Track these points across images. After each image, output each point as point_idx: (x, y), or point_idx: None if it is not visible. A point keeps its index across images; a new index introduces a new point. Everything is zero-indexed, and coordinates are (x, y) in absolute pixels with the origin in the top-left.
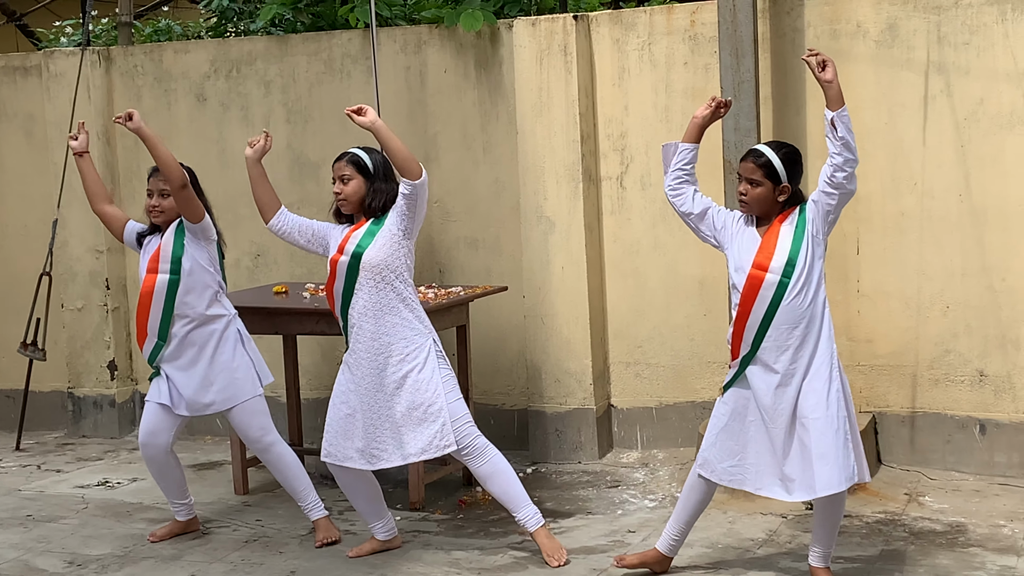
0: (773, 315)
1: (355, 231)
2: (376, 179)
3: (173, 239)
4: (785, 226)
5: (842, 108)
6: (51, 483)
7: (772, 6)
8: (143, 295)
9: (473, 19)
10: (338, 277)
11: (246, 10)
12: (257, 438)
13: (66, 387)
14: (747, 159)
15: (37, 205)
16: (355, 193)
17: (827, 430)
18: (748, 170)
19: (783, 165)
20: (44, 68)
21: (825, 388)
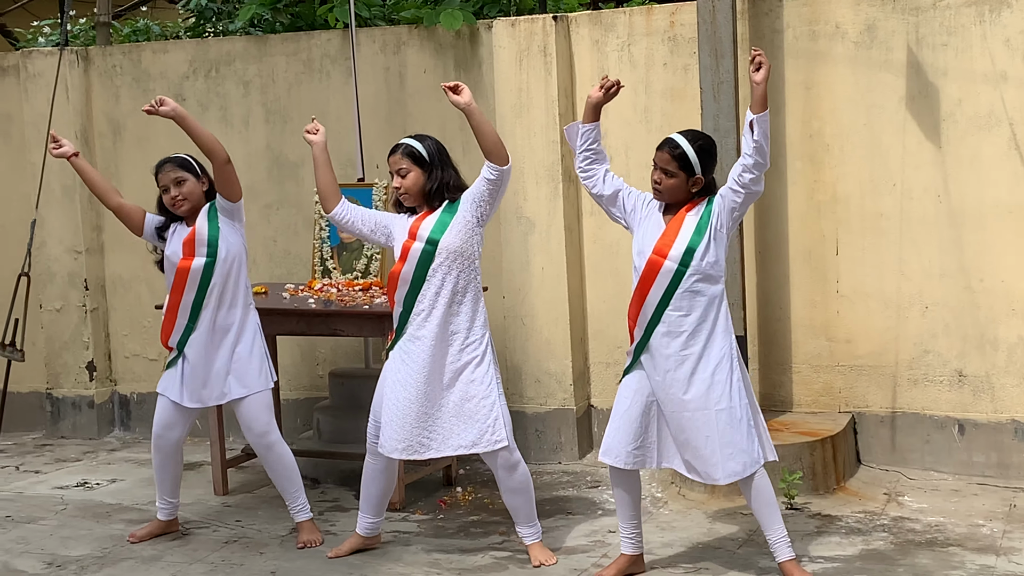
0: (668, 301)
1: (426, 217)
2: (434, 167)
3: (207, 222)
4: (690, 216)
5: (764, 112)
6: (30, 484)
7: (751, 7)
8: (177, 279)
9: (453, 19)
10: (408, 262)
11: (225, 10)
12: (263, 433)
13: (44, 388)
14: (663, 149)
15: (15, 205)
16: (415, 185)
17: (732, 420)
18: (663, 160)
19: (698, 157)
20: (22, 68)
21: (727, 379)
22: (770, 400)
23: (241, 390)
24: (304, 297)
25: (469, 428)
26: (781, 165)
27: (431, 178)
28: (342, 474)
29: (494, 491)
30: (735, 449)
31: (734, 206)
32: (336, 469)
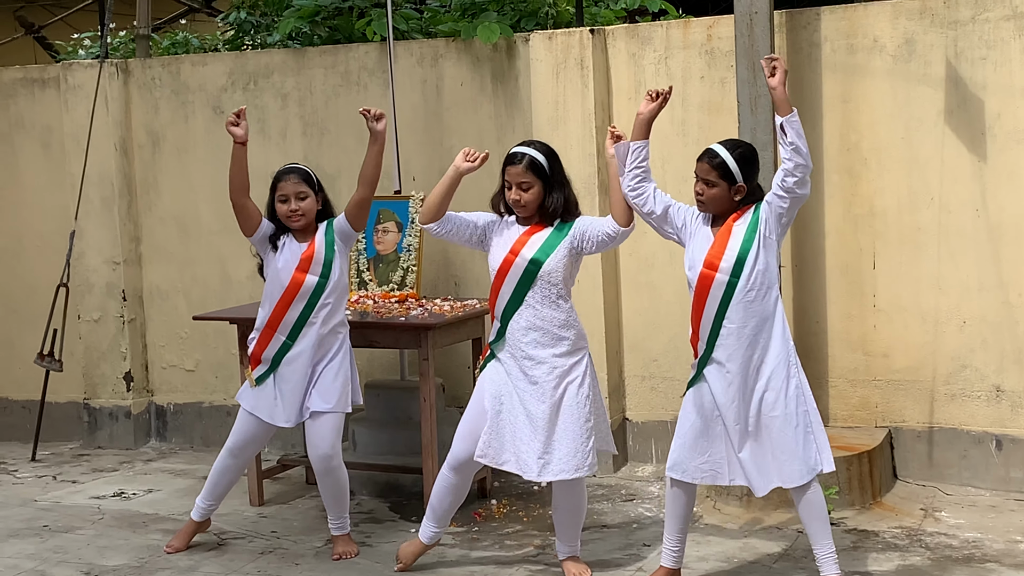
0: (724, 314)
1: (534, 234)
2: (555, 184)
3: (325, 243)
4: (737, 225)
5: (791, 114)
6: (67, 494)
7: (789, 20)
8: (286, 293)
9: (490, 32)
10: (508, 279)
11: (263, 23)
12: (328, 455)
13: (82, 398)
14: (703, 159)
15: (54, 217)
16: (535, 200)
17: (786, 427)
18: (704, 171)
19: (738, 165)
20: (62, 80)
21: (783, 386)
22: None
23: (322, 404)
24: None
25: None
26: (818, 178)
27: (551, 196)
28: (377, 486)
29: (528, 503)
30: (789, 455)
31: (781, 211)
32: (371, 481)
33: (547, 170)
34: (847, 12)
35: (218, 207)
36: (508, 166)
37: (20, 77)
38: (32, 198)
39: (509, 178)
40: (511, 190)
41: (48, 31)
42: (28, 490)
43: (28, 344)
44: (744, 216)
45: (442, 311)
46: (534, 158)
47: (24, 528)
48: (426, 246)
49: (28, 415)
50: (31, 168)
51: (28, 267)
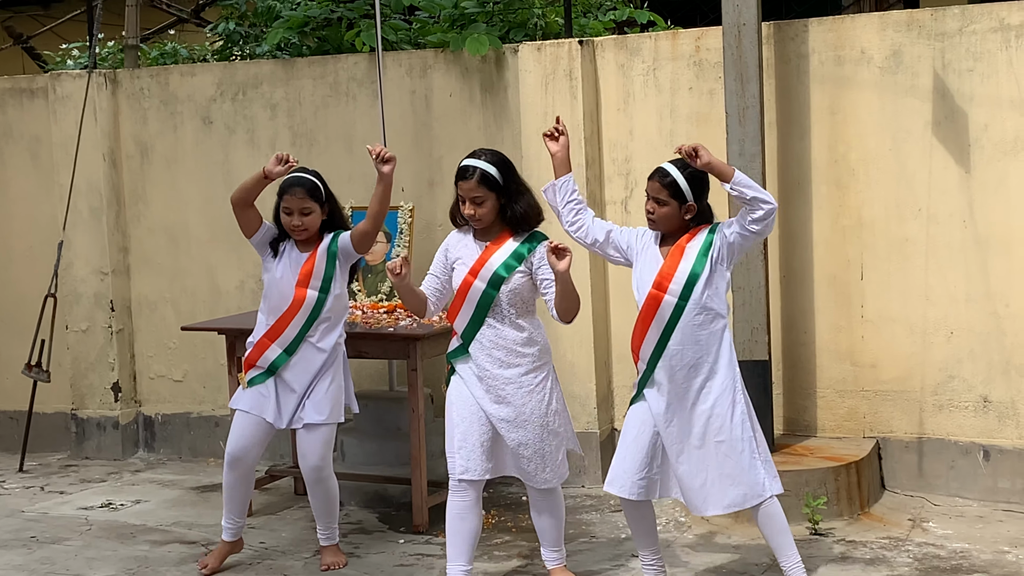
0: (669, 336)
1: (495, 253)
2: (512, 194)
3: (327, 258)
4: (690, 246)
5: (734, 175)
6: (54, 504)
7: (776, 32)
8: (289, 309)
9: (479, 44)
10: (467, 302)
11: (252, 34)
12: (320, 466)
13: (70, 408)
14: (654, 178)
15: (42, 227)
16: (490, 213)
17: (732, 453)
18: (654, 189)
19: (688, 184)
20: (51, 90)
21: (729, 412)
22: (794, 425)
23: (315, 416)
24: None
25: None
26: (806, 190)
27: (510, 207)
28: (365, 496)
29: (517, 514)
30: (734, 480)
31: (738, 246)
32: (360, 491)
33: (500, 181)
34: (835, 24)
35: (208, 218)
36: (460, 181)
37: (8, 87)
38: (20, 208)
39: (462, 193)
40: (465, 205)
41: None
42: (15, 501)
43: (16, 354)
44: (696, 238)
45: (430, 322)
46: (485, 171)
47: (12, 539)
48: (415, 257)
49: (16, 425)
50: (19, 178)
51: (16, 277)
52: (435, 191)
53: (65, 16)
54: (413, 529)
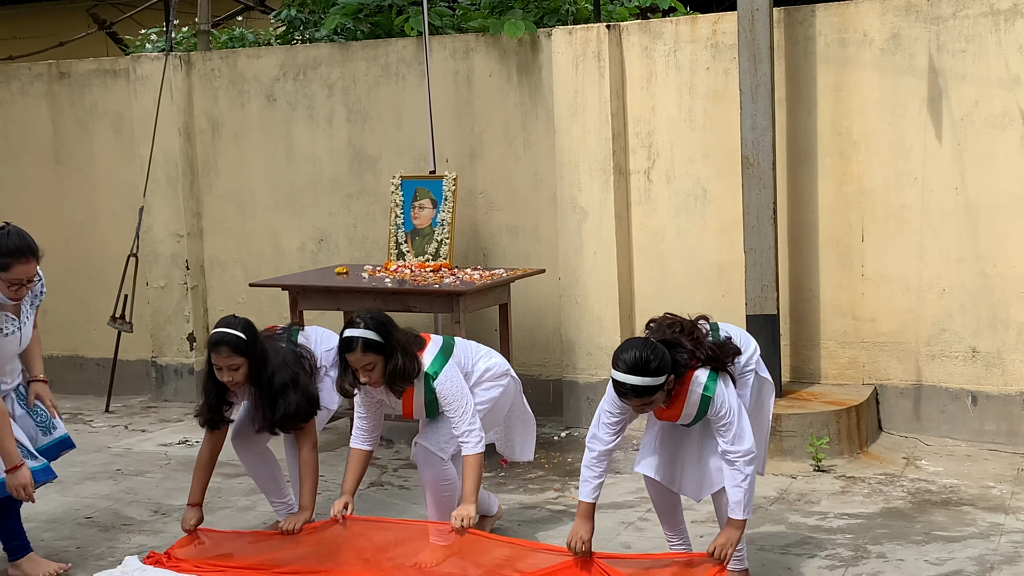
0: None
1: (413, 396)
2: (393, 352)
3: None
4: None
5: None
6: (137, 441)
7: (786, 16)
8: None
9: (516, 28)
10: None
11: (312, 20)
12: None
13: (150, 356)
14: (626, 396)
15: (125, 194)
16: (381, 375)
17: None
18: (636, 404)
19: (656, 375)
20: (131, 71)
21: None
22: (800, 373)
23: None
24: (381, 277)
25: None
26: (812, 160)
27: (391, 361)
28: (412, 433)
29: (550, 452)
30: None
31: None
32: (408, 429)
33: (383, 342)
34: (840, 9)
35: (271, 186)
36: (346, 353)
37: (94, 69)
38: (105, 177)
39: (352, 363)
40: (359, 374)
41: (119, 27)
42: (103, 438)
43: (102, 308)
44: (692, 392)
45: (472, 279)
46: (367, 339)
47: (100, 472)
48: (458, 221)
49: (102, 371)
50: (104, 151)
51: (102, 239)
52: (475, 162)
53: (144, 4)
54: None
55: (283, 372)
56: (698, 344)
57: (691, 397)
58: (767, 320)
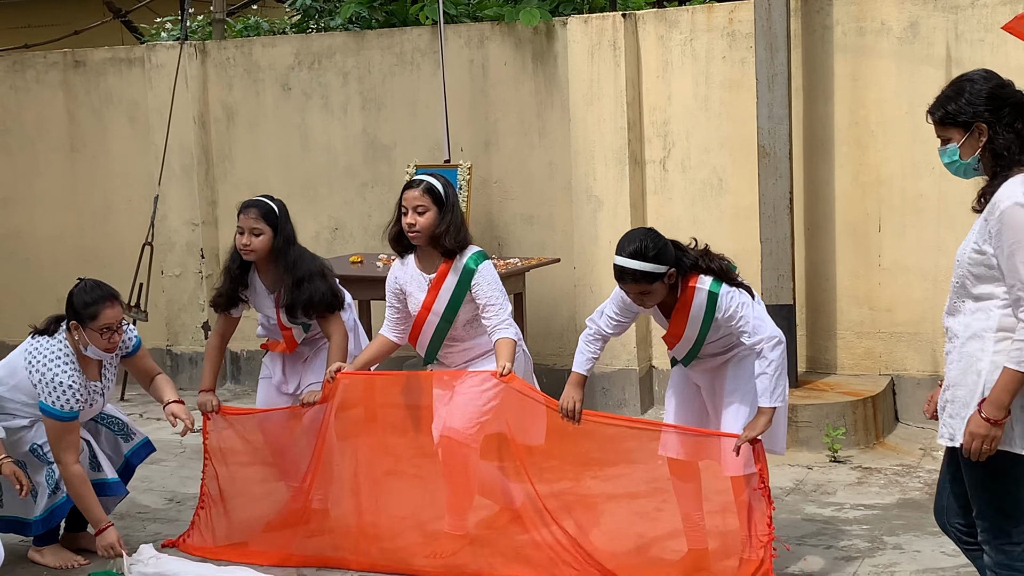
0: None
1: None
2: (447, 211)
3: None
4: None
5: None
6: (152, 430)
7: (803, 5)
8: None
9: (531, 16)
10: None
11: (327, 8)
12: None
13: (165, 345)
14: (624, 280)
15: (140, 182)
16: (428, 226)
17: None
18: (632, 289)
19: (655, 262)
20: (146, 60)
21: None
22: (816, 363)
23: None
24: None
25: None
26: (829, 149)
27: (443, 220)
28: None
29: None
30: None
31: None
32: None
33: (443, 196)
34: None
35: (286, 174)
36: (406, 191)
37: (109, 57)
38: (120, 166)
39: (406, 203)
40: (407, 215)
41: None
42: None
43: None
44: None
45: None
46: (431, 184)
47: None
48: (472, 210)
49: None
50: (119, 139)
51: (116, 227)
52: (490, 151)
53: None
54: None
55: (309, 263)
56: (708, 257)
57: (697, 298)
58: (783, 310)
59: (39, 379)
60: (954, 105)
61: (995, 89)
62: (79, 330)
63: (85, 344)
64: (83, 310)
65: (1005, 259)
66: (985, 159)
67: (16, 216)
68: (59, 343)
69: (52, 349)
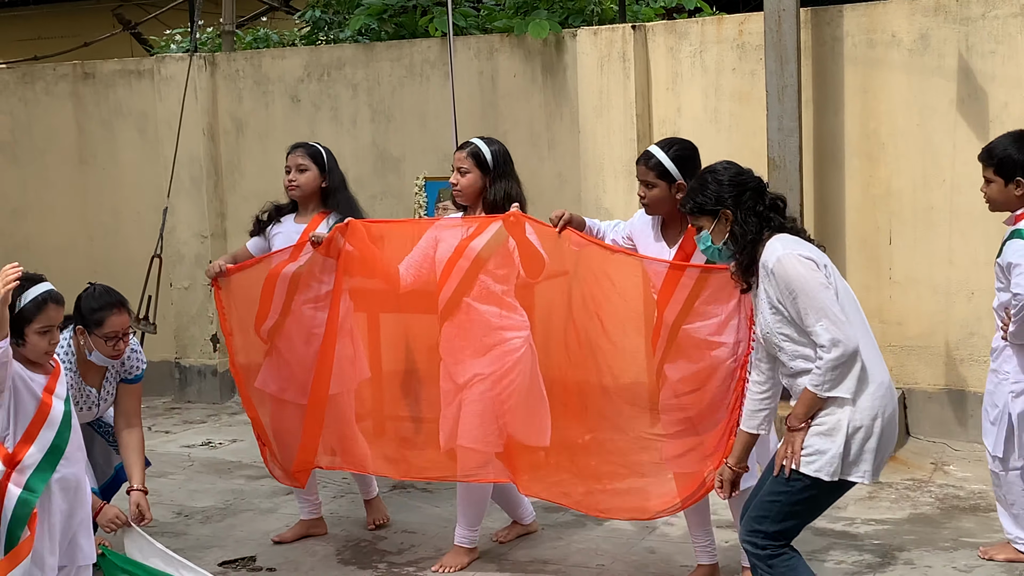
0: None
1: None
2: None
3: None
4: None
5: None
6: (160, 443)
7: (814, 17)
8: None
9: (540, 28)
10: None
11: (336, 20)
12: None
13: (174, 357)
14: (640, 162)
15: (149, 194)
16: (470, 186)
17: None
18: (642, 172)
19: (675, 163)
20: (156, 72)
21: None
22: None
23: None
24: None
25: None
26: (840, 161)
27: (492, 188)
28: None
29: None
30: None
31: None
32: None
33: (489, 161)
34: (867, 9)
35: None
36: (456, 151)
37: (118, 69)
38: (129, 178)
39: (454, 163)
40: (453, 175)
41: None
42: None
43: None
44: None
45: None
46: (478, 147)
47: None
48: None
49: None
50: (128, 151)
51: (125, 239)
52: None
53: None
54: None
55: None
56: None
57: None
58: None
59: None
60: (702, 196)
61: (735, 177)
62: (84, 335)
63: (90, 349)
64: (89, 316)
65: (790, 305)
66: (734, 240)
67: (26, 227)
68: (63, 344)
69: None
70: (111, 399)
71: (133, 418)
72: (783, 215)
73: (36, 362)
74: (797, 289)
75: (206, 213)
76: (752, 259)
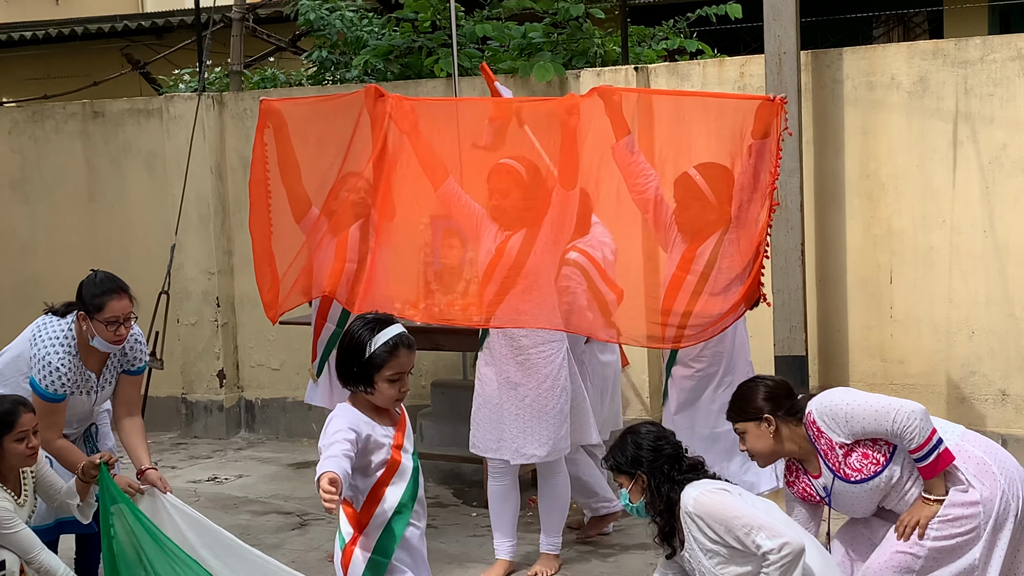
0: None
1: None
2: None
3: None
4: None
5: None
6: (167, 478)
7: (814, 60)
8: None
9: (544, 70)
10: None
11: (342, 61)
12: None
13: (180, 393)
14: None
15: (157, 232)
16: None
17: None
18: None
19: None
20: (164, 111)
21: None
22: None
23: None
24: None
25: None
26: (840, 202)
27: None
28: (442, 474)
29: None
30: None
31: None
32: (436, 469)
33: None
34: (867, 52)
35: None
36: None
37: (127, 108)
38: (137, 215)
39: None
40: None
41: (152, 67)
42: (132, 475)
43: None
44: None
45: None
46: None
47: None
48: None
49: None
50: (137, 188)
51: (134, 276)
52: None
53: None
54: (484, 504)
55: None
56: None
57: None
58: (795, 361)
59: (34, 354)
60: (621, 456)
61: (654, 442)
62: (86, 320)
63: (92, 335)
64: (90, 301)
65: (726, 535)
66: (649, 501)
67: (35, 263)
68: (64, 327)
69: (55, 331)
70: (109, 388)
71: (134, 407)
72: (703, 475)
73: (384, 409)
74: (726, 516)
75: (213, 250)
76: (671, 525)
